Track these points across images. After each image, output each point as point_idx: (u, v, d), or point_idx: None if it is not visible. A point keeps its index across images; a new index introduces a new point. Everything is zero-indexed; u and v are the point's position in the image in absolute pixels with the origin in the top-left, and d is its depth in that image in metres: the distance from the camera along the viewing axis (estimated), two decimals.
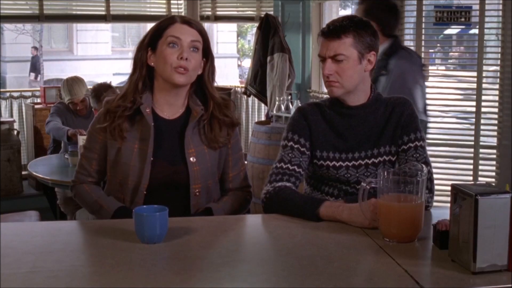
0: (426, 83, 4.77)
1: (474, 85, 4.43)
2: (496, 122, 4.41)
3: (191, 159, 2.27)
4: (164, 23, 2.25)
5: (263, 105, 5.94)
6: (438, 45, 5.76)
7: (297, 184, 2.27)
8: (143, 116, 2.26)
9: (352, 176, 2.30)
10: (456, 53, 5.95)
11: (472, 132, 4.45)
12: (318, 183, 2.39)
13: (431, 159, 4.63)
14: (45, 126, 4.77)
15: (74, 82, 4.89)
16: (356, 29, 2.20)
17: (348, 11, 19.06)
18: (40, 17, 5.79)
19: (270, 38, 5.47)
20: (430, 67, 5.12)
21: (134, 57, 2.30)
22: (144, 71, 2.27)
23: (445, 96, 4.72)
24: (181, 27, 2.24)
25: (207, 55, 2.30)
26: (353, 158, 2.30)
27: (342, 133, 2.31)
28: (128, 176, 2.26)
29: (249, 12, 6.23)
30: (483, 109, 4.42)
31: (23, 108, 5.96)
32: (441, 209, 2.17)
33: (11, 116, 5.90)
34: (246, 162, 5.09)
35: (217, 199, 2.37)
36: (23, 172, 5.56)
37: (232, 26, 18.33)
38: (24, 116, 5.95)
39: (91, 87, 4.70)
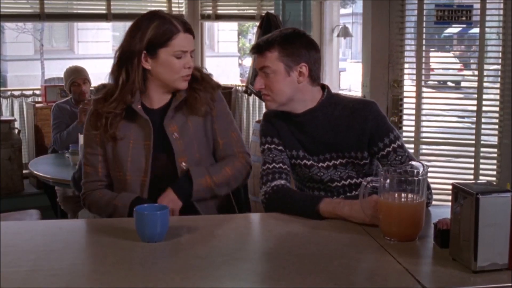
0: (428, 82, 4.79)
1: (475, 84, 4.42)
2: (497, 120, 4.41)
3: (174, 135, 2.27)
4: (167, 31, 2.20)
5: (263, 104, 5.93)
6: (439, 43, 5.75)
7: (289, 180, 2.30)
8: (135, 112, 2.26)
9: (324, 175, 2.31)
10: (457, 52, 5.94)
11: (473, 131, 4.44)
12: (301, 185, 2.43)
13: (432, 157, 4.63)
14: (55, 144, 4.72)
15: (77, 67, 4.96)
16: (281, 43, 2.22)
17: (348, 10, 19.07)
18: (41, 16, 5.79)
19: None
20: (435, 67, 5.11)
21: (125, 64, 2.23)
22: (140, 76, 2.24)
23: (446, 95, 4.72)
24: (186, 37, 2.23)
25: None
26: (319, 160, 2.31)
27: (300, 138, 2.32)
28: (126, 171, 2.26)
29: (250, 11, 6.22)
30: (484, 108, 4.41)
31: (24, 107, 5.95)
32: (442, 208, 2.17)
33: (12, 115, 5.89)
34: None
35: None
36: (24, 171, 5.55)
37: (233, 25, 18.31)
38: (25, 115, 5.94)
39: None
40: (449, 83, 5.59)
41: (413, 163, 2.08)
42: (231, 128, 2.40)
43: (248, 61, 16.38)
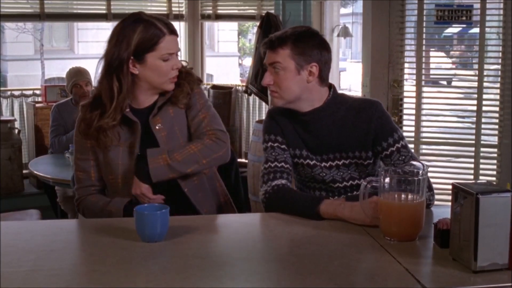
0: (428, 82, 4.78)
1: (475, 84, 4.42)
2: (497, 120, 4.41)
3: (157, 126, 2.27)
4: (153, 35, 2.19)
5: (264, 104, 5.93)
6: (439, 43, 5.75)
7: (290, 180, 2.29)
8: (124, 116, 2.25)
9: (327, 175, 2.31)
10: (457, 52, 5.94)
11: (473, 131, 4.44)
12: (301, 185, 2.43)
13: (432, 157, 4.63)
14: (52, 147, 4.72)
15: (80, 69, 4.93)
16: (295, 41, 2.21)
17: (348, 10, 19.06)
18: (41, 16, 5.79)
19: None
20: (431, 66, 5.11)
21: (116, 72, 2.20)
22: (130, 82, 2.23)
23: (446, 95, 4.72)
24: (172, 39, 2.22)
25: None
26: (322, 159, 2.31)
27: (303, 137, 2.32)
28: (118, 174, 2.26)
29: (250, 11, 6.22)
30: (484, 108, 4.41)
31: (24, 107, 5.95)
32: (442, 208, 2.17)
33: (12, 115, 5.89)
34: (247, 161, 5.12)
35: None
36: (24, 171, 5.55)
37: (233, 25, 18.30)
38: (25, 115, 5.94)
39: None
40: (441, 82, 5.58)
41: (414, 162, 2.08)
42: (202, 110, 2.34)
43: (248, 61, 16.39)
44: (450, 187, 1.69)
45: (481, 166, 4.46)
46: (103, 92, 2.24)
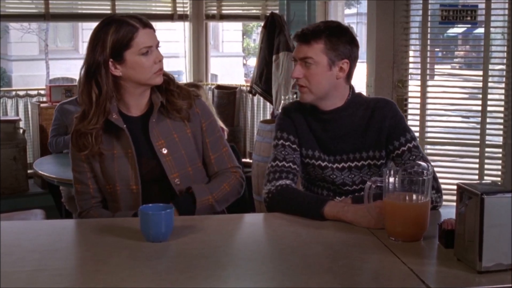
0: (432, 82, 4.78)
1: (480, 84, 4.42)
2: (501, 121, 4.40)
3: (162, 150, 2.25)
4: (126, 32, 2.16)
5: (268, 104, 5.94)
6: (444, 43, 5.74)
7: (296, 180, 2.28)
8: (112, 121, 2.22)
9: (337, 177, 2.30)
10: (462, 52, 5.93)
11: (478, 131, 4.44)
12: (308, 184, 2.41)
13: (436, 157, 4.62)
14: (49, 146, 4.73)
15: None
16: (329, 36, 2.20)
17: (353, 10, 19.04)
18: (46, 16, 5.81)
19: (275, 37, 5.47)
20: (435, 66, 5.11)
21: (94, 77, 2.17)
22: (111, 85, 2.20)
23: (451, 95, 4.72)
24: (147, 32, 2.19)
25: None
26: (335, 160, 2.30)
27: (319, 137, 2.31)
28: (115, 182, 2.24)
29: (255, 11, 6.23)
30: (488, 108, 4.40)
31: (29, 106, 5.96)
32: (447, 208, 2.16)
33: (17, 114, 5.91)
34: (251, 160, 5.12)
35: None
36: (29, 171, 5.57)
37: (238, 25, 18.32)
38: (30, 115, 5.96)
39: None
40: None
41: (419, 162, 2.07)
42: (222, 143, 2.39)
43: (252, 61, 16.39)
44: (455, 187, 1.69)
45: (486, 166, 4.45)
46: (83, 98, 2.21)
